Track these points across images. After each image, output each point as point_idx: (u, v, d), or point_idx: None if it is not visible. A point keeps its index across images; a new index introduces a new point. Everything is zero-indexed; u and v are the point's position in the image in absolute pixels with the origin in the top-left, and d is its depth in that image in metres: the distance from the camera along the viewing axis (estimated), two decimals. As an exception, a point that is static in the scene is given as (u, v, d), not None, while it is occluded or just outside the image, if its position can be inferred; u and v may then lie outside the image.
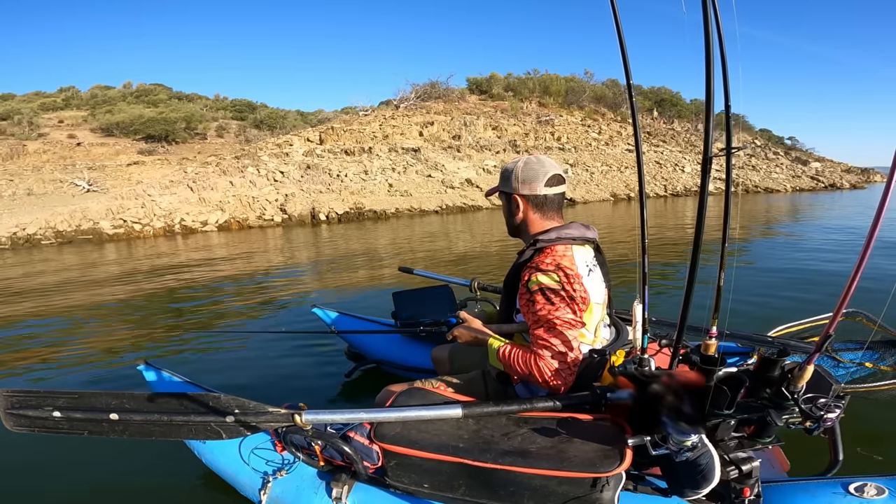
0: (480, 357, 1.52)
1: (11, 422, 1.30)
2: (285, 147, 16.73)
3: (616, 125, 23.17)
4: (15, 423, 1.30)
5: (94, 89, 29.28)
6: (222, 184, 13.96)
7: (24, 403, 1.30)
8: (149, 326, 4.09)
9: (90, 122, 24.18)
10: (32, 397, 1.30)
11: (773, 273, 5.09)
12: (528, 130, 20.78)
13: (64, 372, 3.09)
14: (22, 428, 1.30)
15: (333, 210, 13.48)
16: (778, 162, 24.21)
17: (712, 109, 0.92)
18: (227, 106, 30.45)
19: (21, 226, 11.33)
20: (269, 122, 27.40)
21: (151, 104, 26.21)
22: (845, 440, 1.35)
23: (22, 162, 19.46)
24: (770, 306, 3.76)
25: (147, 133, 22.86)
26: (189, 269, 6.76)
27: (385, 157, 16.80)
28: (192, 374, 2.35)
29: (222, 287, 5.61)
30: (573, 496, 1.08)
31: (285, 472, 1.36)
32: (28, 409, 1.29)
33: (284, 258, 7.78)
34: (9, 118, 22.98)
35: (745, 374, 1.03)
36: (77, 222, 11.61)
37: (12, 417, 1.30)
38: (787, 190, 20.55)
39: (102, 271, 7.18)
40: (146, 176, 17.44)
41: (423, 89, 21.28)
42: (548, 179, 1.39)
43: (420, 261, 6.75)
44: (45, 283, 6.33)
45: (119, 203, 12.56)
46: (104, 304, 4.98)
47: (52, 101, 27.43)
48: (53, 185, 17.59)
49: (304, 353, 3.11)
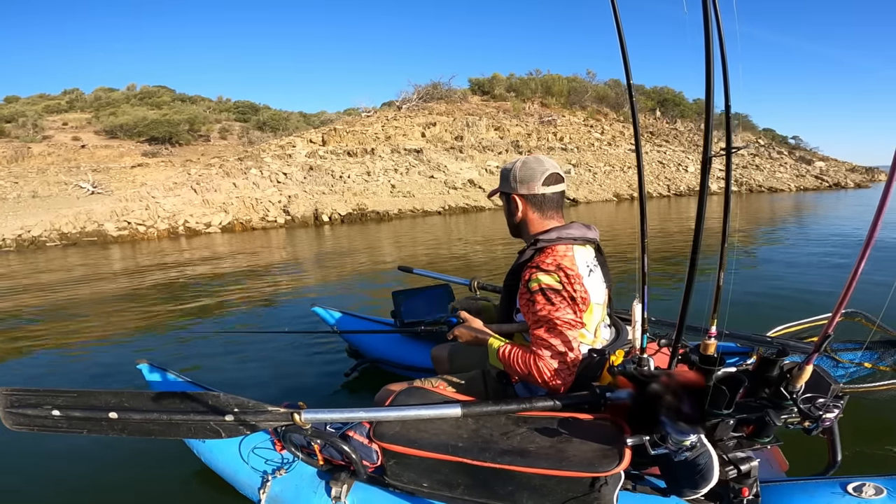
0: (480, 356, 1.52)
1: (11, 420, 1.30)
2: (288, 148, 16.82)
3: (619, 125, 23.13)
4: (14, 421, 1.30)
5: (98, 91, 29.55)
6: (226, 185, 14.05)
7: (24, 402, 1.30)
8: (149, 326, 4.09)
9: (94, 125, 24.41)
10: (32, 396, 1.30)
11: (773, 273, 5.09)
12: (530, 131, 20.78)
13: (64, 371, 3.09)
14: (21, 426, 1.30)
15: (336, 211, 13.52)
16: (782, 161, 24.08)
17: (712, 109, 0.92)
18: (231, 108, 30.73)
19: (26, 228, 11.43)
20: (272, 124, 27.58)
21: (155, 106, 26.50)
22: (844, 440, 1.35)
23: (27, 164, 19.67)
24: (770, 305, 3.76)
25: (151, 135, 23.10)
26: (192, 270, 6.77)
27: (387, 158, 16.84)
28: (192, 373, 2.36)
29: (223, 287, 5.61)
30: (572, 495, 1.08)
31: (284, 471, 1.36)
32: (27, 407, 1.29)
33: (285, 259, 7.79)
34: (13, 120, 23.23)
35: (743, 373, 1.04)
36: (82, 224, 11.71)
37: (12, 416, 1.30)
38: (791, 189, 20.43)
39: (104, 272, 7.18)
40: (150, 178, 17.59)
41: (425, 90, 21.30)
42: (546, 178, 1.39)
43: (423, 261, 6.76)
44: (47, 282, 6.34)
45: (123, 205, 12.69)
46: (104, 304, 4.98)
47: (57, 103, 27.75)
48: (58, 187, 17.77)
49: (303, 353, 3.11)
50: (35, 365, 3.22)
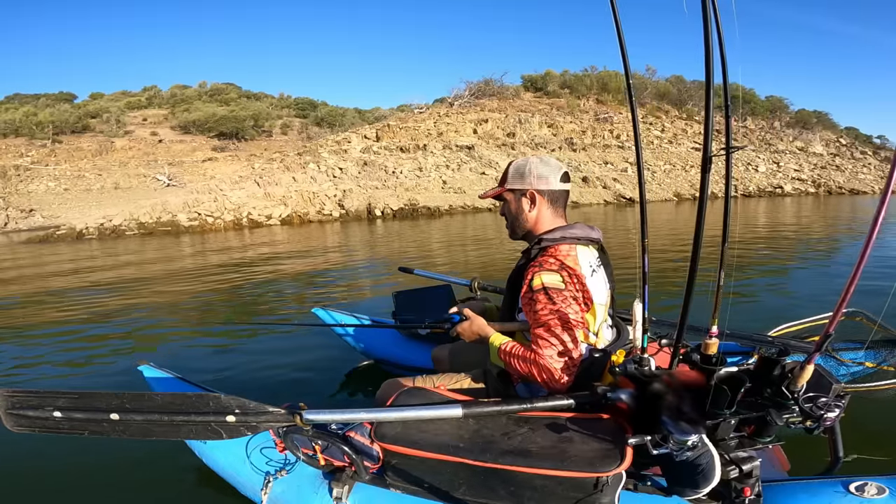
0: (481, 357, 1.52)
1: (12, 422, 1.30)
2: (344, 144, 17.14)
3: (681, 122, 22.62)
4: (15, 423, 1.30)
5: (174, 88, 31.01)
6: (286, 179, 14.48)
7: (25, 403, 1.30)
8: (149, 326, 4.10)
9: (170, 120, 25.72)
10: (33, 397, 1.30)
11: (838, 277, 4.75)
12: (585, 128, 20.52)
13: (64, 372, 3.09)
14: (22, 428, 1.30)
15: (388, 206, 13.73)
16: (865, 162, 23.36)
17: (712, 109, 0.92)
18: (291, 104, 31.89)
19: (108, 217, 12.19)
20: (329, 120, 28.55)
21: (223, 103, 27.87)
22: (846, 440, 1.35)
23: (110, 157, 20.87)
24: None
25: (219, 131, 24.28)
26: (235, 271, 6.67)
27: (439, 155, 16.97)
28: (193, 373, 2.36)
29: (263, 287, 5.60)
30: (574, 495, 1.08)
31: (286, 471, 1.36)
32: (29, 409, 1.29)
33: (340, 256, 7.71)
34: (98, 116, 24.63)
35: (745, 373, 1.04)
36: (158, 214, 12.37)
37: (13, 417, 1.30)
38: (874, 192, 19.64)
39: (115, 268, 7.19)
40: (218, 172, 18.52)
41: (477, 87, 21.26)
42: (561, 175, 1.43)
43: (473, 259, 6.66)
44: (53, 280, 6.34)
45: (195, 197, 13.32)
46: (105, 303, 4.99)
47: (137, 99, 29.36)
48: (137, 179, 18.78)
49: (304, 354, 3.11)
50: (35, 365, 3.22)
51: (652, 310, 1.30)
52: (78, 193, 17.28)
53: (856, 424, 1.67)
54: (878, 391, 1.81)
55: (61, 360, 3.31)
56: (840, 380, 1.08)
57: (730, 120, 1.03)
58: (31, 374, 3.07)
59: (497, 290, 2.50)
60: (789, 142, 23.77)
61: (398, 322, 2.41)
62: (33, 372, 3.12)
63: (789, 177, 20.27)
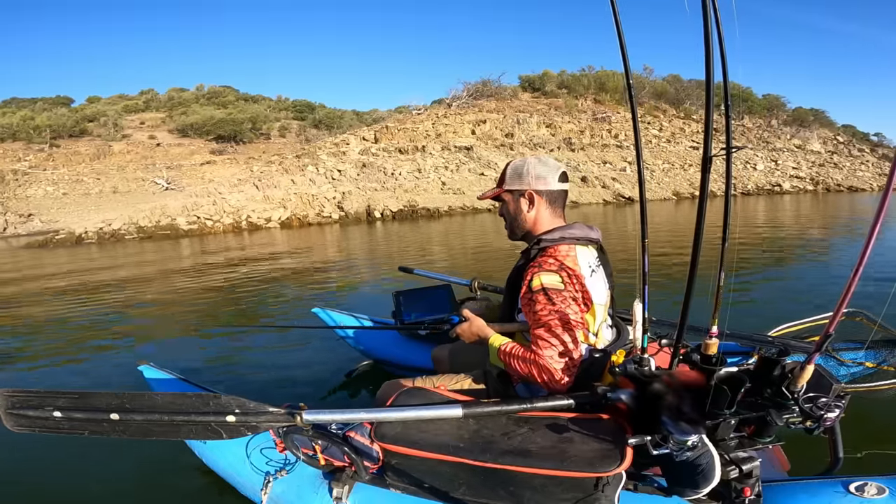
0: (481, 357, 1.52)
1: (12, 422, 1.30)
2: (342, 146, 17.16)
3: (679, 121, 22.58)
4: (15, 422, 1.30)
5: (171, 92, 31.06)
6: (284, 182, 14.48)
7: (25, 403, 1.30)
8: (149, 327, 4.09)
9: (168, 124, 25.68)
10: (33, 397, 1.30)
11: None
12: (583, 128, 20.50)
13: (64, 372, 3.09)
14: (23, 428, 1.30)
15: (388, 208, 13.73)
16: (863, 159, 23.31)
17: (712, 109, 0.92)
18: (289, 106, 31.94)
19: (107, 221, 12.17)
20: (328, 122, 28.60)
21: (221, 105, 27.90)
22: (846, 440, 1.35)
23: (108, 161, 20.84)
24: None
25: (217, 133, 24.22)
26: (230, 271, 6.72)
27: (438, 156, 16.99)
28: (193, 373, 2.36)
29: (249, 292, 5.60)
30: (574, 496, 1.08)
31: (286, 471, 1.36)
32: (29, 408, 1.29)
33: (340, 257, 7.72)
34: (95, 120, 24.56)
35: (745, 373, 1.03)
36: (157, 218, 12.36)
37: (13, 417, 1.30)
38: (872, 189, 19.59)
39: (111, 270, 7.19)
40: (217, 175, 18.60)
41: (475, 88, 21.26)
42: (559, 175, 1.43)
43: (473, 260, 6.64)
44: (48, 278, 6.34)
45: (193, 200, 13.29)
46: (104, 304, 4.98)
47: (134, 103, 29.32)
48: (136, 183, 18.81)
49: (304, 354, 3.11)
50: (35, 366, 3.22)
51: (652, 310, 1.30)
52: (76, 198, 17.32)
53: (856, 425, 1.67)
54: (878, 391, 1.81)
55: (61, 360, 3.32)
56: (840, 380, 1.07)
57: (730, 120, 1.02)
58: (32, 375, 3.07)
59: (497, 290, 2.50)
60: (787, 140, 23.75)
61: (398, 322, 2.41)
62: (33, 372, 3.12)
63: (788, 175, 20.23)
